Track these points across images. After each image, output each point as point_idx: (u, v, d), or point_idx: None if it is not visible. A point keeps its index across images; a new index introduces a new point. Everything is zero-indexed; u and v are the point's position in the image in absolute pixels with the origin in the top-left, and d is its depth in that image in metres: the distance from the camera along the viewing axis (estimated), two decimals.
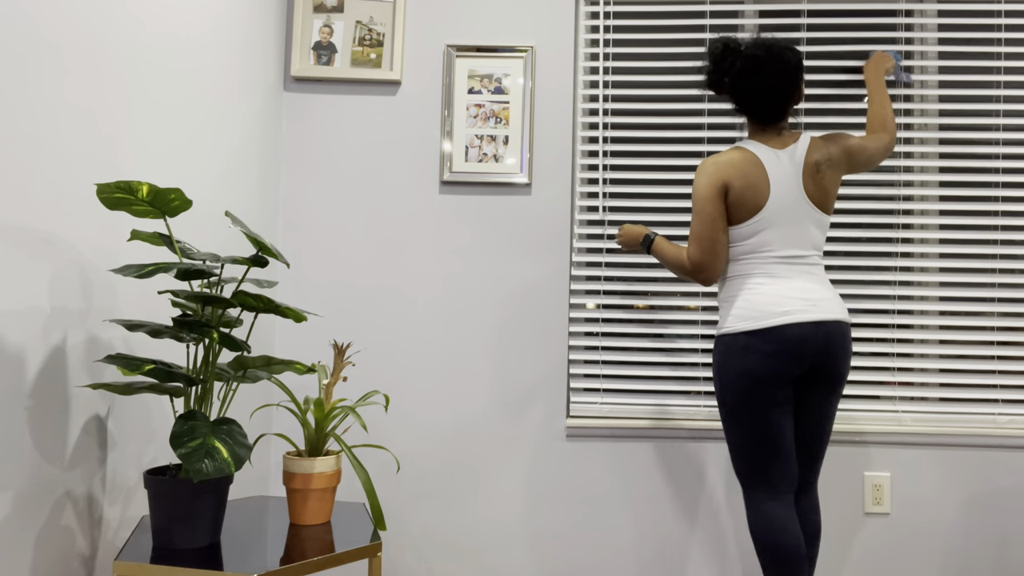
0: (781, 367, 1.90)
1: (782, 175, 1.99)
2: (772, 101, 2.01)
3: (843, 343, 1.96)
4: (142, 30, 1.74)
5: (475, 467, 2.49)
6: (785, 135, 2.05)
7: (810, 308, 1.93)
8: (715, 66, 2.07)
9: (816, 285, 1.98)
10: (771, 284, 1.96)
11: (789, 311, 1.92)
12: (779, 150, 2.02)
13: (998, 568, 2.38)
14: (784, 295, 1.94)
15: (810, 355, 1.92)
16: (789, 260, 1.99)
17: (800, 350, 1.91)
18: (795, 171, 2.00)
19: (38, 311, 1.42)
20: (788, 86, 2.01)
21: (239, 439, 1.45)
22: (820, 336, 1.92)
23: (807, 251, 2.01)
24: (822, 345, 1.92)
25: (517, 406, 2.49)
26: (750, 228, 1.99)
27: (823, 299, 1.96)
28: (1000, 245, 2.46)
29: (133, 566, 1.38)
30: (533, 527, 2.46)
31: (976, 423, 2.42)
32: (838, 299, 2.00)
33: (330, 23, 2.56)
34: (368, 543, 1.57)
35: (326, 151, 2.56)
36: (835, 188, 2.05)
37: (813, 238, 2.02)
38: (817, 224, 2.02)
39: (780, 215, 1.98)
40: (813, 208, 2.00)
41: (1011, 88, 2.49)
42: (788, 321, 1.91)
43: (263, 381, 2.43)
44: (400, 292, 2.53)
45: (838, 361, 1.96)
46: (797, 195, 1.99)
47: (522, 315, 2.50)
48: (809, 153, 2.01)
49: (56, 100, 1.46)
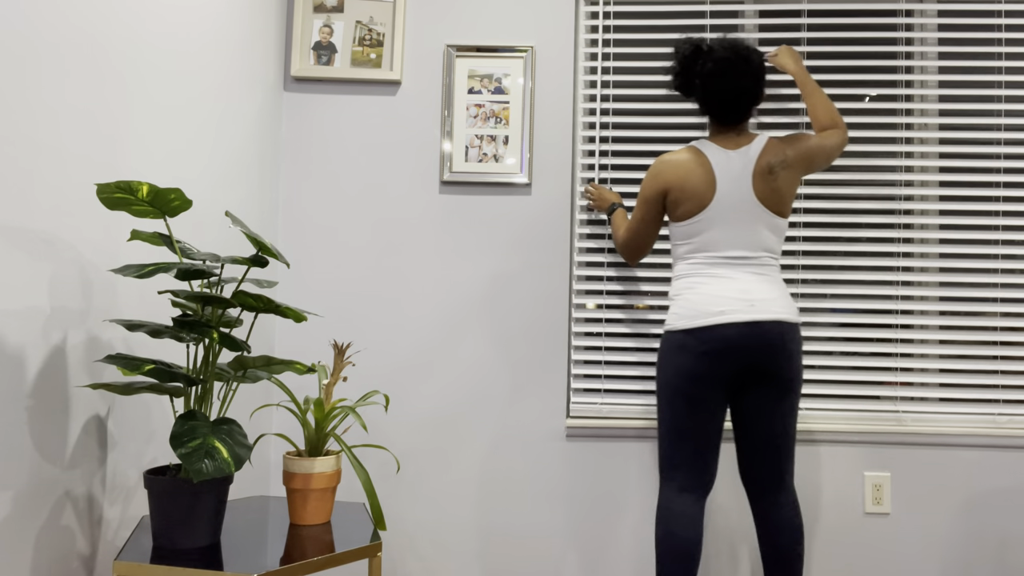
0: (712, 366, 1.93)
1: (730, 176, 2.01)
2: (740, 102, 2.04)
3: (782, 344, 1.95)
4: (142, 30, 1.74)
5: (475, 467, 2.49)
6: (742, 136, 2.07)
7: (747, 308, 1.94)
8: (684, 68, 2.09)
9: (760, 286, 1.98)
10: (712, 284, 1.98)
11: (724, 311, 1.94)
12: (731, 151, 2.04)
13: (998, 568, 2.38)
14: (722, 295, 1.96)
15: (743, 355, 1.93)
16: (735, 261, 2.00)
17: (732, 350, 1.92)
18: (745, 172, 2.01)
19: (38, 311, 1.42)
20: (756, 88, 2.04)
21: (239, 439, 1.45)
22: (755, 336, 1.92)
23: (756, 252, 2.01)
24: (757, 345, 1.93)
25: (517, 406, 2.49)
26: (694, 227, 2.02)
27: (764, 299, 1.96)
28: (1001, 245, 2.46)
29: (133, 566, 1.38)
30: (533, 527, 2.46)
31: (976, 423, 2.42)
32: (783, 300, 1.99)
33: (330, 23, 2.56)
34: (368, 543, 1.57)
35: (326, 151, 2.56)
36: (791, 190, 2.04)
37: (764, 240, 2.02)
38: (770, 227, 2.02)
39: (726, 215, 2.00)
40: (764, 210, 2.01)
41: (1011, 88, 2.48)
42: (721, 321, 1.93)
43: (263, 381, 2.43)
44: (400, 292, 2.53)
45: (777, 362, 1.95)
46: (745, 196, 2.00)
47: (522, 315, 2.50)
48: (762, 155, 2.03)
49: (56, 100, 1.46)
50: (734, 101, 2.04)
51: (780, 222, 2.04)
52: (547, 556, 2.46)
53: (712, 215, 2.01)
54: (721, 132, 2.10)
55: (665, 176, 2.06)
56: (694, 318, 1.96)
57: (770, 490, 2.02)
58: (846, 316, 2.48)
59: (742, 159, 2.03)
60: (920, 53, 2.53)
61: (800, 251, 2.50)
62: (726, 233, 2.00)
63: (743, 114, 2.07)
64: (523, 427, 2.48)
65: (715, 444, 2.00)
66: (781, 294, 2.00)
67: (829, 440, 2.42)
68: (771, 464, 2.01)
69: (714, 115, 2.09)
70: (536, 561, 2.46)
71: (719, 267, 2.00)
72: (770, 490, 2.02)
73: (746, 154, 2.03)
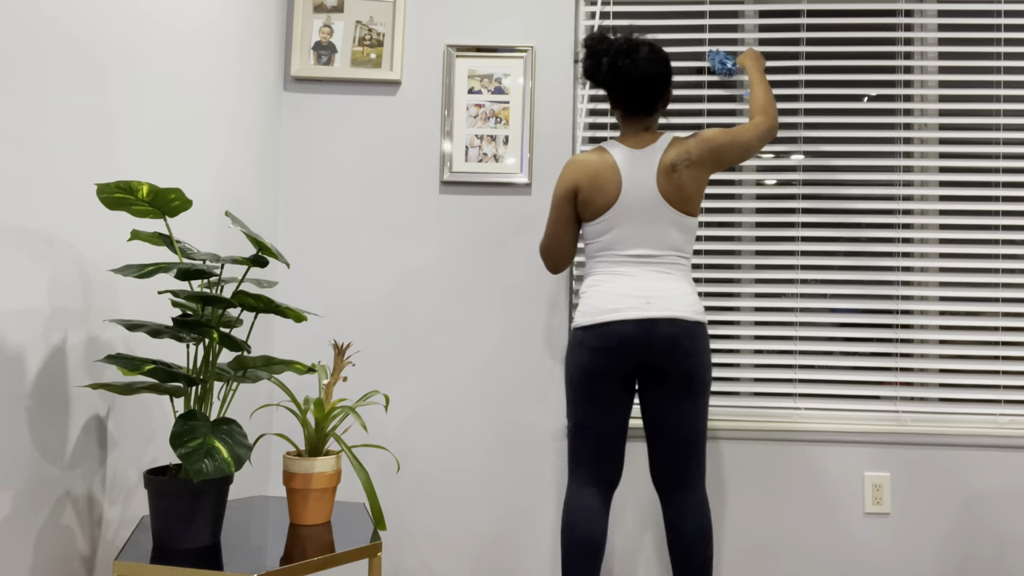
0: (608, 363, 1.95)
1: (635, 175, 2.02)
2: (646, 87, 2.04)
3: (676, 342, 1.94)
4: (142, 30, 1.74)
5: (475, 467, 2.49)
6: (648, 135, 2.07)
7: (642, 306, 1.95)
8: (592, 51, 2.08)
9: (660, 284, 1.98)
10: (613, 282, 2.00)
11: (618, 308, 1.96)
12: (637, 150, 2.05)
13: (998, 568, 2.38)
14: (620, 293, 1.97)
15: (638, 353, 1.94)
16: (639, 259, 2.01)
17: (627, 347, 1.94)
18: (650, 171, 2.02)
19: (38, 311, 1.42)
20: (661, 74, 2.05)
21: (239, 439, 1.45)
22: (649, 334, 1.93)
23: (662, 251, 2.02)
24: (650, 343, 1.93)
25: (517, 405, 2.49)
26: (600, 226, 2.04)
27: (662, 297, 1.96)
28: (1001, 245, 2.46)
29: (133, 566, 1.38)
30: (533, 527, 2.46)
31: (977, 423, 2.42)
32: (684, 298, 1.98)
33: (330, 23, 2.56)
34: (368, 543, 1.57)
35: (326, 151, 2.56)
36: (697, 188, 2.04)
37: (671, 239, 2.02)
38: (677, 225, 2.02)
39: (631, 215, 2.01)
40: (669, 208, 2.01)
41: (1011, 88, 2.49)
42: (616, 318, 1.95)
43: (263, 381, 2.43)
44: (400, 292, 2.53)
45: (672, 360, 1.94)
46: (650, 195, 2.01)
47: (522, 315, 2.50)
48: (666, 153, 2.03)
49: (56, 100, 1.46)
50: (641, 84, 2.03)
51: (688, 220, 2.04)
52: (548, 556, 2.46)
53: (618, 214, 2.02)
54: (629, 131, 2.10)
55: (573, 176, 2.07)
56: (593, 315, 1.98)
57: (675, 490, 2.00)
58: (846, 316, 2.48)
59: (648, 158, 2.03)
60: (919, 53, 2.54)
61: (800, 251, 2.50)
62: (632, 232, 2.02)
63: (650, 104, 2.07)
64: (523, 427, 2.48)
65: (617, 441, 2.01)
66: (682, 292, 1.99)
67: (829, 440, 2.42)
68: (676, 464, 1.99)
69: (621, 102, 2.08)
70: (536, 561, 2.46)
71: (623, 265, 2.02)
72: (675, 490, 2.00)
73: (651, 153, 2.04)
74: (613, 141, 2.10)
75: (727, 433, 2.44)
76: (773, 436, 2.43)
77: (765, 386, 2.48)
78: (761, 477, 2.43)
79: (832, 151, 2.51)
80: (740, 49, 2.54)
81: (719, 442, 2.45)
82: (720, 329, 2.50)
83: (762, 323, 2.50)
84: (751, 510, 2.43)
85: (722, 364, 2.49)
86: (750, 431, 2.43)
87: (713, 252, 2.53)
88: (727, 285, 2.52)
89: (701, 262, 2.52)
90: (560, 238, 2.12)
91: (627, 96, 2.06)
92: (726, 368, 2.49)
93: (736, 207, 2.53)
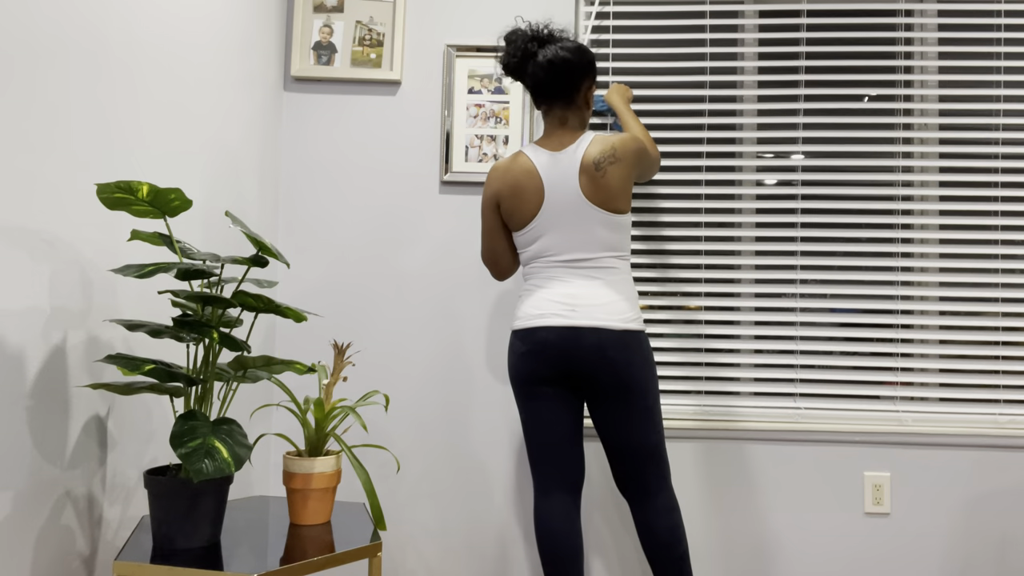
0: (534, 366, 1.95)
1: (556, 179, 1.97)
2: (553, 71, 1.98)
3: (603, 352, 1.89)
4: (142, 30, 1.74)
5: (475, 466, 2.49)
6: (567, 136, 2.02)
7: (567, 313, 1.93)
8: (507, 41, 2.05)
9: (588, 291, 1.94)
10: (542, 289, 1.99)
11: (543, 314, 1.95)
12: (557, 152, 2.00)
13: (998, 568, 2.38)
14: (547, 299, 1.96)
15: (561, 359, 1.93)
16: (570, 264, 1.98)
17: (550, 353, 1.93)
18: (571, 172, 1.96)
19: (38, 311, 1.42)
20: (572, 61, 1.99)
21: (239, 439, 1.45)
22: (571, 341, 1.91)
23: (594, 253, 1.97)
24: (574, 351, 1.91)
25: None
26: (528, 236, 2.02)
27: (587, 305, 1.92)
28: (1000, 245, 2.46)
29: (133, 566, 1.38)
30: (533, 527, 2.46)
31: (977, 423, 2.42)
32: (613, 306, 1.92)
33: (330, 23, 2.56)
34: (368, 543, 1.57)
35: (326, 151, 2.56)
36: (623, 185, 1.97)
37: (602, 239, 1.97)
38: (606, 224, 1.96)
39: (557, 220, 1.97)
40: (594, 208, 1.95)
41: (1011, 88, 2.49)
42: (539, 324, 1.94)
43: (263, 381, 2.43)
44: (400, 292, 2.53)
45: (599, 370, 1.90)
46: (574, 197, 1.95)
47: None
48: (587, 151, 1.97)
49: (56, 100, 1.46)
50: (547, 67, 1.98)
51: (616, 218, 1.97)
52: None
53: (543, 223, 1.98)
54: (549, 128, 2.05)
55: (494, 187, 2.05)
56: (523, 320, 1.99)
57: (638, 496, 1.98)
58: (846, 316, 2.48)
59: (568, 159, 1.98)
60: (919, 53, 2.54)
61: (800, 251, 2.50)
62: (559, 237, 1.97)
63: (559, 90, 2.01)
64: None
65: (563, 443, 1.98)
66: (610, 300, 1.93)
67: (829, 440, 2.42)
68: (633, 473, 1.97)
69: (533, 91, 2.04)
70: (536, 560, 2.46)
71: (553, 270, 1.99)
72: (638, 496, 1.98)
73: (572, 153, 1.98)
74: (533, 145, 2.05)
75: (726, 433, 2.44)
76: (773, 436, 2.43)
77: (765, 386, 2.48)
78: (761, 477, 2.43)
79: (832, 151, 2.51)
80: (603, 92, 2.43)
81: (719, 442, 2.45)
82: (720, 329, 2.50)
83: (762, 323, 2.50)
84: (751, 510, 2.43)
85: (722, 364, 2.50)
86: (750, 431, 2.43)
87: (713, 252, 2.53)
88: (727, 285, 2.52)
89: (701, 262, 2.53)
90: (494, 247, 2.11)
91: (535, 83, 2.02)
92: (726, 368, 2.49)
93: (736, 207, 2.53)
